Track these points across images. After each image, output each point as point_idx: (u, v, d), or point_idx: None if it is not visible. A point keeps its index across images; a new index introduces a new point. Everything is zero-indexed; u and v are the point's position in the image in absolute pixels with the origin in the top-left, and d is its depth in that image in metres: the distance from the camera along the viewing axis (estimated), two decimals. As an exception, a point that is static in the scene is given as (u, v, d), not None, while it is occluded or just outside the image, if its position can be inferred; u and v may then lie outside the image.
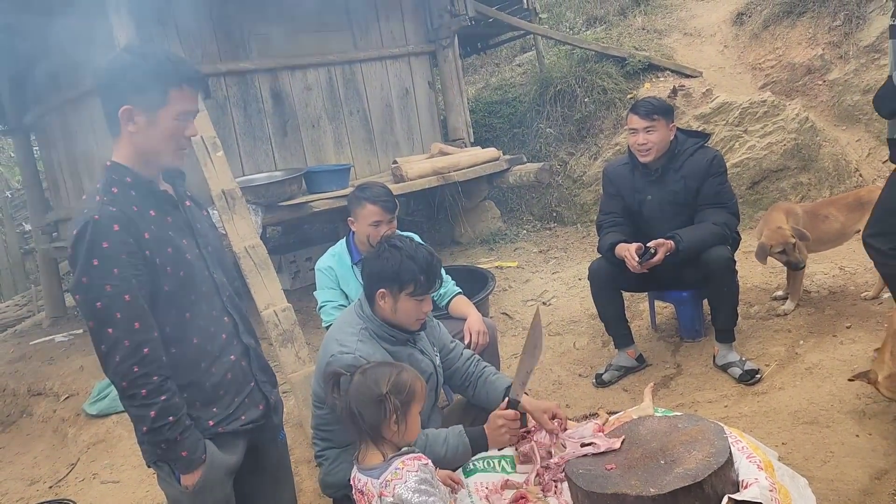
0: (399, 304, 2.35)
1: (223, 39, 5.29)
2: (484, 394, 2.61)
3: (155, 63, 1.77)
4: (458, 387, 2.72)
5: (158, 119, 1.79)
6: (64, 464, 4.01)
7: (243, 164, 5.36)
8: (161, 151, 1.84)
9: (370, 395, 1.89)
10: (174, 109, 1.79)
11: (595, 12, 9.07)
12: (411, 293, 2.33)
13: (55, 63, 5.71)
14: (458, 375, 2.67)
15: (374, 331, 2.38)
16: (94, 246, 1.69)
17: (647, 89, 6.67)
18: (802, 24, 6.79)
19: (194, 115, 1.86)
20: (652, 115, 3.45)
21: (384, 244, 2.40)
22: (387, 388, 1.89)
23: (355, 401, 1.90)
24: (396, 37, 6.32)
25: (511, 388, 2.45)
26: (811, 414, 3.03)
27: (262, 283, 3.83)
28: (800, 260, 3.78)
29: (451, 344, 2.69)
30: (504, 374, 2.72)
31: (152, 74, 1.76)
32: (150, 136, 1.80)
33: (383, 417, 1.88)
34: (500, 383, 2.60)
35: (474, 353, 2.76)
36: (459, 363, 2.66)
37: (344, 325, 2.45)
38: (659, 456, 2.10)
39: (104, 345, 1.71)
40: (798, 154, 5.61)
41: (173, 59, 1.81)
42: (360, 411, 1.89)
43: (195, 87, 1.83)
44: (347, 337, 2.36)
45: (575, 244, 6.07)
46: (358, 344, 2.32)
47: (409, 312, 2.37)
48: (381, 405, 1.88)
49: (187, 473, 1.81)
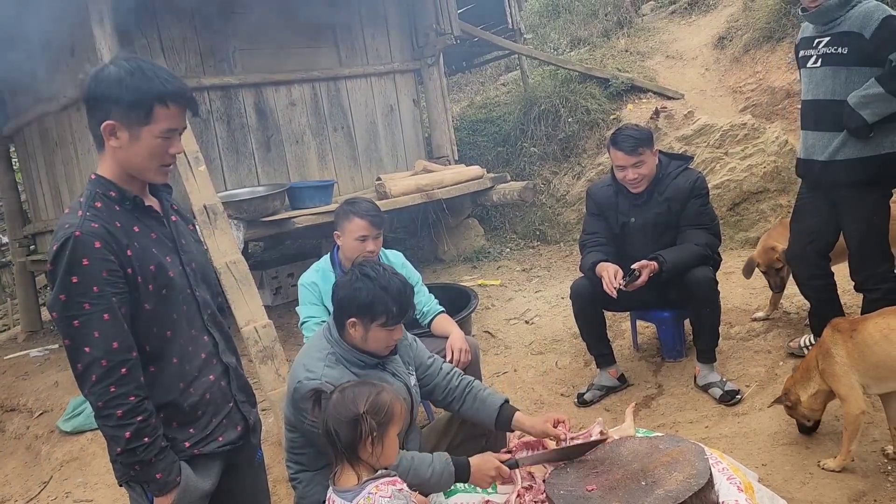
0: (370, 334, 2.29)
1: (207, 53, 5.28)
2: (474, 410, 2.54)
3: (141, 79, 1.71)
4: (441, 402, 2.66)
5: (141, 136, 1.73)
6: (36, 482, 3.92)
7: (226, 179, 5.33)
8: (144, 168, 1.79)
9: (347, 414, 1.85)
10: (158, 127, 1.73)
11: (579, 34, 9.19)
12: (383, 324, 2.27)
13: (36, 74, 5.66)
14: (439, 391, 2.61)
15: (342, 356, 2.33)
16: (74, 263, 1.65)
17: (630, 110, 6.75)
18: (782, 49, 6.90)
19: (180, 133, 1.80)
20: (638, 150, 3.42)
21: (356, 272, 2.32)
22: (364, 407, 1.85)
23: (332, 419, 1.86)
24: (382, 54, 6.34)
25: (522, 457, 2.40)
26: (790, 435, 3.04)
27: (243, 299, 3.79)
28: (778, 285, 3.86)
29: (429, 360, 2.64)
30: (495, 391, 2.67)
31: (137, 91, 1.70)
32: (132, 152, 1.75)
33: (359, 438, 1.84)
34: (493, 401, 2.53)
35: (455, 367, 2.71)
36: (439, 379, 2.61)
37: (312, 349, 2.40)
38: (640, 477, 2.09)
39: (80, 363, 1.67)
40: (778, 176, 5.68)
41: (161, 76, 1.74)
42: (337, 430, 1.85)
43: (182, 104, 1.76)
44: (314, 362, 2.31)
45: (558, 263, 6.09)
46: (325, 369, 2.27)
47: (379, 341, 2.32)
48: (356, 425, 1.83)
49: (161, 496, 1.77)
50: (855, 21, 3.04)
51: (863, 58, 3.04)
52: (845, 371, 2.72)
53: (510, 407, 2.53)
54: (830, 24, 3.12)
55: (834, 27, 3.11)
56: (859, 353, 2.70)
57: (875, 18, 2.98)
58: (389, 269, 2.36)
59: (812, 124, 3.29)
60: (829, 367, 2.76)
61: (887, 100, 2.99)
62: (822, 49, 3.17)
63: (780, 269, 3.82)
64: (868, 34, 2.99)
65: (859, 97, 3.03)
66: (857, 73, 3.07)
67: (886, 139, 3.12)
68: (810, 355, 2.92)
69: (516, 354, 4.45)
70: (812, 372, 2.86)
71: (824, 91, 3.18)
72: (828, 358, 2.77)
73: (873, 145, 3.11)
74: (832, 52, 3.12)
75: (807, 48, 3.26)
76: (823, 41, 3.16)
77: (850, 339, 2.73)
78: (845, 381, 2.71)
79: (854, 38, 3.04)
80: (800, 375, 2.91)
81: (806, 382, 2.87)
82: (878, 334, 2.67)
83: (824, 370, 2.79)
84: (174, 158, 1.82)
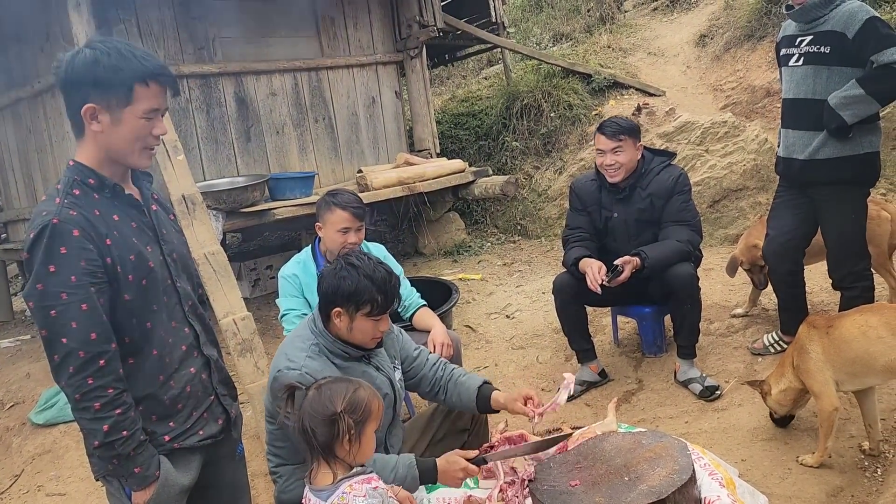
0: (355, 324, 2.26)
1: (187, 40, 5.19)
2: (456, 396, 2.53)
3: (118, 58, 1.66)
4: (427, 393, 2.63)
5: (123, 118, 1.68)
6: (7, 475, 3.84)
7: (205, 169, 5.25)
8: (127, 152, 1.73)
9: (324, 412, 1.80)
10: (140, 107, 1.68)
11: (562, 29, 9.20)
12: (368, 313, 2.24)
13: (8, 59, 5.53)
14: (426, 382, 2.59)
15: (325, 346, 2.30)
16: (52, 251, 1.61)
17: (612, 106, 6.76)
18: (762, 48, 6.96)
19: (163, 113, 1.75)
20: (619, 136, 3.46)
21: (341, 262, 2.29)
22: (342, 406, 1.81)
23: (308, 417, 1.81)
24: (364, 45, 6.28)
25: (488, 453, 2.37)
26: (769, 431, 3.07)
27: (222, 290, 3.74)
28: (762, 282, 3.90)
29: (416, 352, 2.62)
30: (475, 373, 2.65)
31: (115, 70, 1.65)
32: (115, 136, 1.70)
33: (336, 436, 1.80)
34: (471, 383, 2.52)
35: (440, 358, 2.69)
36: (426, 370, 2.59)
37: (295, 339, 2.36)
38: (623, 472, 2.09)
39: (57, 355, 1.63)
40: (757, 174, 5.73)
41: (138, 54, 1.69)
42: (313, 428, 1.80)
43: (162, 82, 1.71)
44: (297, 352, 2.27)
45: (539, 258, 6.09)
46: (306, 360, 2.23)
47: (365, 332, 2.29)
48: (334, 424, 1.79)
49: (139, 490, 1.73)
50: (838, 21, 3.06)
51: (845, 58, 3.07)
52: (819, 367, 2.75)
53: (488, 387, 2.51)
54: (813, 23, 3.14)
55: (817, 26, 3.13)
56: (836, 350, 2.73)
57: (858, 19, 3.00)
58: (375, 258, 2.33)
59: (792, 122, 3.32)
60: (803, 364, 2.80)
61: (867, 101, 3.02)
62: (804, 48, 3.19)
63: (764, 267, 3.85)
64: (851, 34, 3.01)
65: (840, 98, 3.05)
66: (839, 73, 3.10)
67: (865, 139, 3.16)
68: (787, 351, 2.96)
69: (497, 349, 4.44)
70: (786, 368, 2.90)
71: (805, 90, 3.21)
72: (803, 354, 2.81)
73: (853, 145, 3.14)
74: (814, 50, 3.14)
75: (788, 46, 3.28)
76: (806, 40, 3.18)
77: (827, 335, 2.77)
78: (819, 377, 2.75)
79: (837, 37, 3.06)
80: (777, 369, 2.96)
81: (779, 377, 2.92)
82: (857, 331, 2.70)
83: (798, 366, 2.82)
84: (158, 140, 1.77)
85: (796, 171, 3.32)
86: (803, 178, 3.31)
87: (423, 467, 2.19)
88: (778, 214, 3.51)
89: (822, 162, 3.20)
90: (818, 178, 3.25)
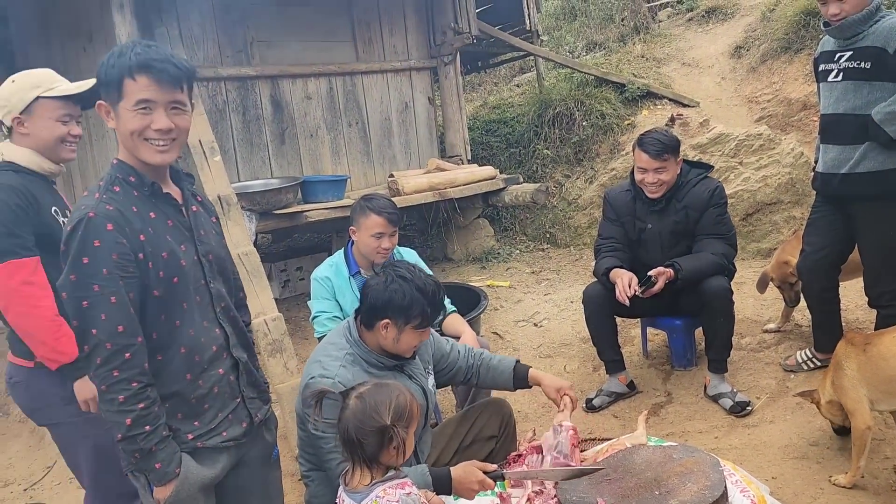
0: (402, 336, 2.27)
1: (225, 44, 5.28)
2: (490, 378, 2.68)
3: (117, 57, 1.69)
4: (463, 381, 2.75)
5: (120, 113, 1.72)
6: (40, 466, 3.92)
7: (239, 171, 5.32)
8: (132, 146, 1.75)
9: (373, 424, 1.81)
10: (130, 101, 1.69)
11: (595, 38, 9.17)
12: (416, 325, 2.27)
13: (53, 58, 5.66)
14: (462, 373, 2.70)
15: (360, 356, 2.31)
16: (86, 243, 1.65)
17: (644, 116, 6.72)
18: (800, 61, 6.87)
19: (163, 106, 1.72)
20: (663, 155, 3.40)
21: (391, 274, 2.29)
22: (389, 417, 1.81)
23: (355, 429, 1.82)
24: (399, 51, 6.33)
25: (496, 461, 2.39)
26: (801, 449, 3.03)
27: (254, 291, 3.78)
28: (793, 298, 3.85)
29: (448, 346, 2.68)
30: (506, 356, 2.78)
31: (110, 69, 1.70)
32: (121, 131, 1.74)
33: (385, 447, 1.82)
34: (505, 365, 2.66)
35: (469, 346, 2.77)
36: (461, 361, 2.68)
37: (330, 346, 2.37)
38: (653, 486, 2.08)
39: (87, 345, 1.67)
40: (792, 188, 5.65)
41: (136, 51, 1.69)
42: (361, 440, 1.81)
43: (149, 73, 1.68)
44: (331, 360, 2.29)
45: (568, 266, 6.06)
46: (340, 369, 2.25)
47: (410, 343, 2.31)
48: (384, 435, 1.81)
49: (160, 486, 1.75)
50: (878, 36, 3.02)
51: (885, 73, 3.02)
52: (853, 385, 2.73)
53: (523, 366, 2.66)
54: (853, 39, 3.10)
55: (856, 41, 3.09)
56: (872, 367, 2.71)
57: None
58: (423, 270, 2.36)
59: (832, 138, 3.27)
60: (838, 380, 2.79)
61: None
62: (843, 63, 3.15)
63: (795, 284, 3.80)
64: (892, 49, 2.97)
65: (884, 114, 3.00)
66: (880, 89, 3.05)
67: None
68: (830, 363, 2.94)
69: (524, 357, 4.43)
70: (828, 381, 2.88)
71: (845, 105, 3.16)
72: (838, 370, 2.79)
73: (894, 158, 3.09)
74: (854, 66, 3.10)
75: (827, 62, 3.24)
76: (845, 55, 3.14)
77: (864, 352, 2.74)
78: (852, 394, 2.73)
79: (877, 52, 3.02)
80: (824, 380, 2.93)
81: (824, 390, 2.90)
82: (895, 349, 2.67)
83: (834, 382, 2.81)
84: (161, 135, 1.73)
85: (835, 186, 3.27)
86: (842, 192, 3.26)
87: (436, 476, 2.17)
88: (814, 230, 3.46)
89: (861, 176, 3.15)
90: (857, 193, 3.20)
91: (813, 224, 3.48)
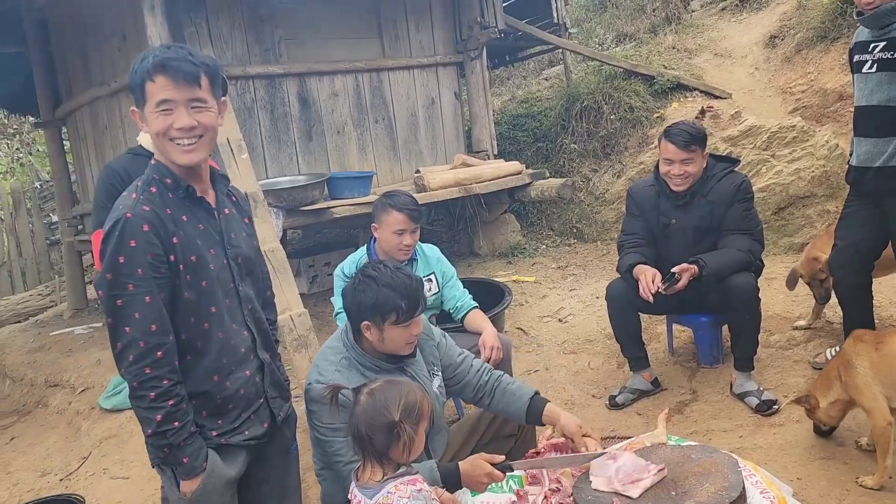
0: (386, 334, 2.26)
1: (253, 43, 5.35)
2: (503, 404, 2.51)
3: (141, 62, 1.73)
4: (471, 399, 2.63)
5: (147, 116, 1.76)
6: (76, 457, 4.04)
7: (267, 168, 5.39)
8: (161, 149, 1.80)
9: (382, 420, 1.83)
10: (152, 103, 1.73)
11: (625, 29, 9.04)
12: (395, 321, 2.24)
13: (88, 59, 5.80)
14: (470, 389, 2.58)
15: (356, 360, 2.31)
16: (122, 243, 1.70)
17: (674, 109, 6.62)
18: (836, 50, 6.69)
19: (183, 104, 1.73)
20: (690, 147, 3.35)
21: (358, 276, 2.30)
22: (398, 413, 1.83)
23: (365, 425, 1.85)
24: (425, 46, 6.33)
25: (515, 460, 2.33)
26: (828, 450, 2.97)
27: (280, 287, 3.84)
28: (823, 295, 3.78)
29: (460, 358, 2.60)
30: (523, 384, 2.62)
31: (134, 73, 1.74)
32: (151, 135, 1.79)
33: (395, 443, 1.84)
34: (522, 394, 2.49)
35: (485, 364, 2.67)
36: (470, 377, 2.57)
37: (328, 350, 2.39)
38: (670, 487, 2.06)
39: (120, 342, 1.72)
40: (826, 181, 5.53)
41: (157, 54, 1.73)
42: (371, 436, 1.84)
43: (165, 73, 1.71)
44: (327, 365, 2.31)
45: (594, 262, 6.02)
46: (335, 374, 2.26)
47: (397, 340, 2.28)
48: (392, 431, 1.83)
49: (187, 480, 1.81)
50: None
51: None
52: (867, 382, 2.70)
53: (540, 399, 2.47)
54: (886, 29, 3.03)
55: (890, 31, 3.02)
56: (887, 365, 2.68)
57: None
58: (392, 265, 2.33)
59: (867, 131, 3.20)
60: (850, 379, 2.75)
61: None
62: (877, 54, 3.07)
63: (824, 280, 3.72)
64: None
65: None
66: None
67: None
68: (832, 364, 2.92)
69: (549, 353, 4.42)
70: (832, 381, 2.84)
71: (879, 97, 3.09)
72: (849, 369, 2.76)
73: None
74: (888, 56, 3.03)
75: (861, 53, 3.16)
76: (879, 46, 3.06)
77: (876, 350, 2.72)
78: (867, 392, 2.70)
79: None
80: (820, 382, 2.91)
81: (826, 390, 2.86)
82: None
83: (846, 382, 2.77)
84: (188, 134, 1.75)
85: (869, 180, 3.20)
86: (877, 186, 3.19)
87: (444, 471, 2.17)
88: (846, 225, 3.39)
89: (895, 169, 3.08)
90: (892, 187, 3.13)
91: (846, 218, 3.40)
